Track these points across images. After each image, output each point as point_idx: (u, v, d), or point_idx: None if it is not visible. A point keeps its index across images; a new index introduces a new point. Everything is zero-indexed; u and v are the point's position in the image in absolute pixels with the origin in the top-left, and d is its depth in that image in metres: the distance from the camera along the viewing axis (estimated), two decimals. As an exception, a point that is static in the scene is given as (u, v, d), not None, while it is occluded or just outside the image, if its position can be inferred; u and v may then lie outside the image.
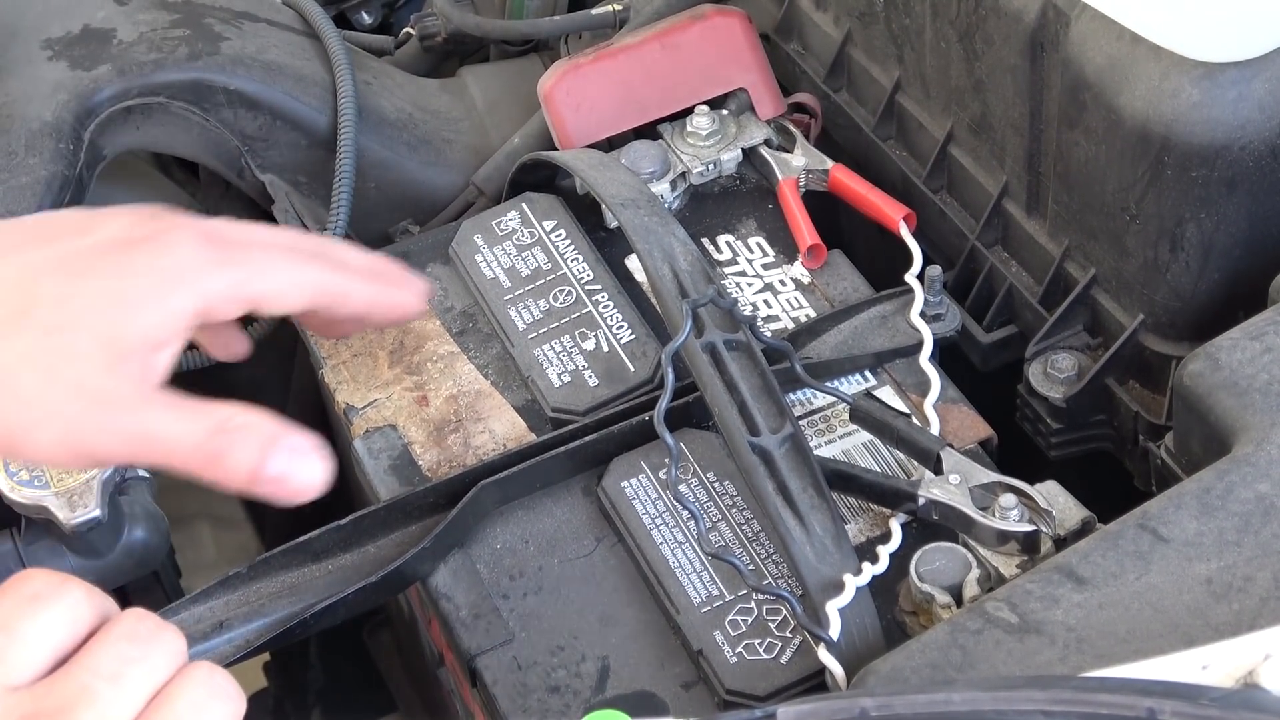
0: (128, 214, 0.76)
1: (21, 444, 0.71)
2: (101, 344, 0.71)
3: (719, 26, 1.03)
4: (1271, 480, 0.71)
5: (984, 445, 0.89)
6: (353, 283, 0.81)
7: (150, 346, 0.73)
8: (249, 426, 0.72)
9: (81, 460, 0.73)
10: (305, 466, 0.72)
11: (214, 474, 0.71)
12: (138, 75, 1.04)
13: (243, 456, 0.71)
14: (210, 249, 0.75)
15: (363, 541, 0.85)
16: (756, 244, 0.99)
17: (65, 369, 0.70)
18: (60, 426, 0.70)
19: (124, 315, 0.72)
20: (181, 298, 0.74)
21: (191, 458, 0.71)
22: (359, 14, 1.32)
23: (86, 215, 0.77)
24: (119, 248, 0.74)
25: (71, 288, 0.72)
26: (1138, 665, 0.62)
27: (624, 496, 0.86)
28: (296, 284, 0.78)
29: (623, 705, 0.79)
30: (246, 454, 0.71)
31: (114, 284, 0.72)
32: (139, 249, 0.74)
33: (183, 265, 0.74)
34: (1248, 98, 0.79)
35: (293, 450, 0.72)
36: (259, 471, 0.71)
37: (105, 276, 0.72)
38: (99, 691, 0.59)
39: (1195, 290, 0.84)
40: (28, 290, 0.72)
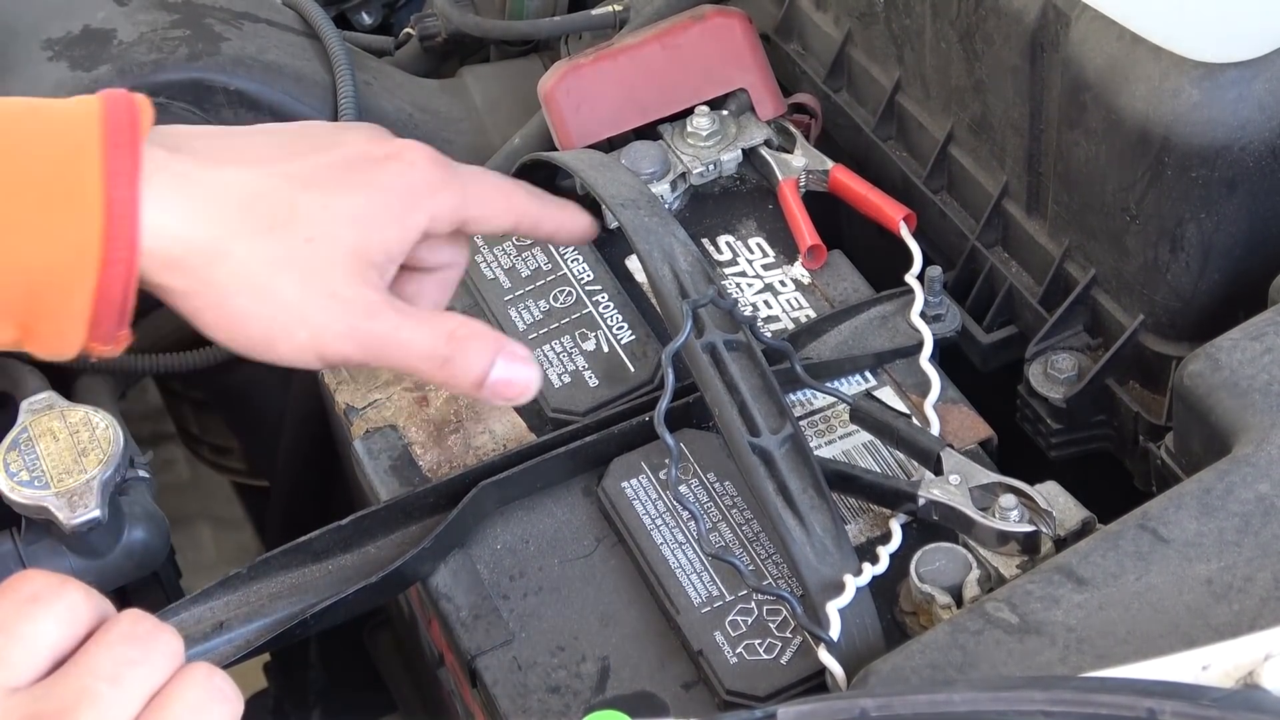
0: (364, 130, 0.82)
1: (276, 344, 0.75)
2: (350, 254, 0.76)
3: (719, 27, 1.03)
4: (1271, 480, 0.71)
5: (984, 445, 0.89)
6: (548, 208, 0.87)
7: (388, 258, 0.78)
8: (477, 334, 0.78)
9: (324, 362, 0.77)
10: (525, 371, 0.79)
11: (444, 377, 0.78)
12: (138, 75, 1.04)
13: (473, 362, 0.77)
14: (439, 170, 0.80)
15: (363, 542, 0.85)
16: (757, 244, 0.99)
17: (319, 276, 0.75)
18: (311, 329, 0.75)
19: (370, 229, 0.77)
20: (417, 215, 0.79)
21: (425, 362, 0.77)
22: (359, 14, 1.32)
23: (330, 129, 0.82)
24: (365, 164, 0.78)
25: (326, 199, 0.76)
26: (1138, 665, 0.62)
27: (624, 497, 0.86)
28: (506, 208, 0.84)
29: (623, 705, 0.79)
30: (476, 360, 0.77)
31: (363, 199, 0.77)
32: (383, 167, 0.78)
33: (418, 184, 0.79)
34: (1248, 98, 0.79)
35: (514, 356, 0.78)
36: (486, 375, 0.77)
37: (356, 190, 0.77)
38: (99, 693, 0.59)
39: (1195, 290, 0.84)
40: (288, 200, 0.75)
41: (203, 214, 0.74)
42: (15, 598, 0.61)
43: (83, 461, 0.90)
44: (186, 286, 0.74)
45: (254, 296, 0.74)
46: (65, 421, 0.91)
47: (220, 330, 0.75)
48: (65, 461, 0.90)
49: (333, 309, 0.75)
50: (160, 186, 0.72)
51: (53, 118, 0.72)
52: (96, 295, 0.71)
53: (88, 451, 0.90)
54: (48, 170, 0.71)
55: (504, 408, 0.92)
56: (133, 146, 0.71)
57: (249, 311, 0.74)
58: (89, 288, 0.70)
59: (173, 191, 0.73)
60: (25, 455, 0.90)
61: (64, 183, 0.70)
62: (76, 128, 0.71)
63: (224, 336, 0.76)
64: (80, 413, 0.92)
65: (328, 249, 0.75)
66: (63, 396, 0.94)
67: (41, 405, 0.92)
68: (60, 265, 0.70)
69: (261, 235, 0.74)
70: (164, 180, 0.73)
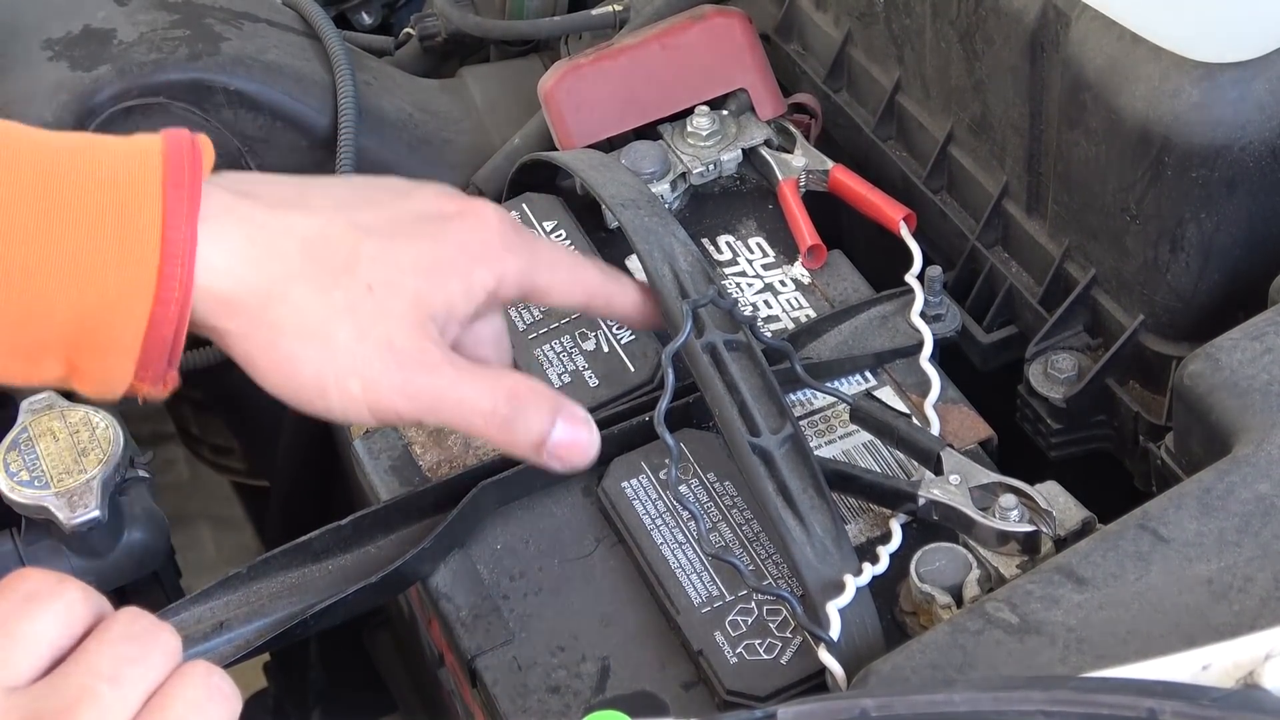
0: (438, 186, 0.80)
1: (328, 393, 0.74)
2: (411, 306, 0.75)
3: (719, 27, 1.03)
4: (1271, 480, 0.71)
5: (984, 445, 0.89)
6: (623, 288, 0.85)
7: (451, 314, 0.76)
8: (537, 396, 0.77)
9: (376, 417, 0.75)
10: (585, 434, 0.78)
11: (503, 438, 0.77)
12: (138, 75, 1.05)
13: (533, 423, 0.76)
14: (510, 232, 0.79)
15: (363, 542, 0.85)
16: (757, 244, 0.99)
17: (377, 326, 0.74)
18: (365, 380, 0.74)
19: (434, 282, 0.75)
20: (483, 273, 0.77)
21: (483, 421, 0.76)
22: (359, 14, 1.32)
23: (403, 183, 0.80)
24: (435, 218, 0.77)
25: (392, 250, 0.75)
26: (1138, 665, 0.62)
27: (624, 497, 0.86)
28: (576, 280, 0.82)
29: (623, 705, 0.79)
30: (537, 421, 0.76)
31: (429, 251, 0.76)
32: (453, 222, 0.77)
33: (488, 243, 0.78)
34: (1248, 98, 0.79)
35: (575, 418, 0.78)
36: (546, 437, 0.76)
37: (423, 242, 0.76)
38: (98, 692, 0.59)
39: (1195, 290, 0.84)
40: (353, 248, 0.74)
41: (264, 256, 0.73)
42: (13, 596, 0.61)
43: (83, 461, 0.90)
44: (241, 329, 0.73)
45: (308, 341, 0.73)
46: (65, 421, 0.91)
47: (272, 376, 0.74)
48: (65, 461, 0.90)
49: (388, 360, 0.74)
50: (224, 228, 0.72)
51: (114, 153, 0.71)
52: (147, 334, 0.70)
53: (88, 451, 0.90)
54: (105, 206, 0.70)
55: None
56: (193, 187, 0.71)
57: (302, 357, 0.73)
58: (139, 326, 0.70)
59: (236, 234, 0.72)
60: (25, 455, 0.90)
61: (121, 220, 0.69)
62: (137, 165, 0.71)
63: (276, 383, 0.74)
64: (80, 412, 0.92)
65: (388, 298, 0.74)
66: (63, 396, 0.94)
67: (41, 405, 0.92)
68: (112, 302, 0.69)
69: (321, 280, 0.73)
70: (228, 222, 0.72)
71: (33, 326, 0.70)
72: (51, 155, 0.71)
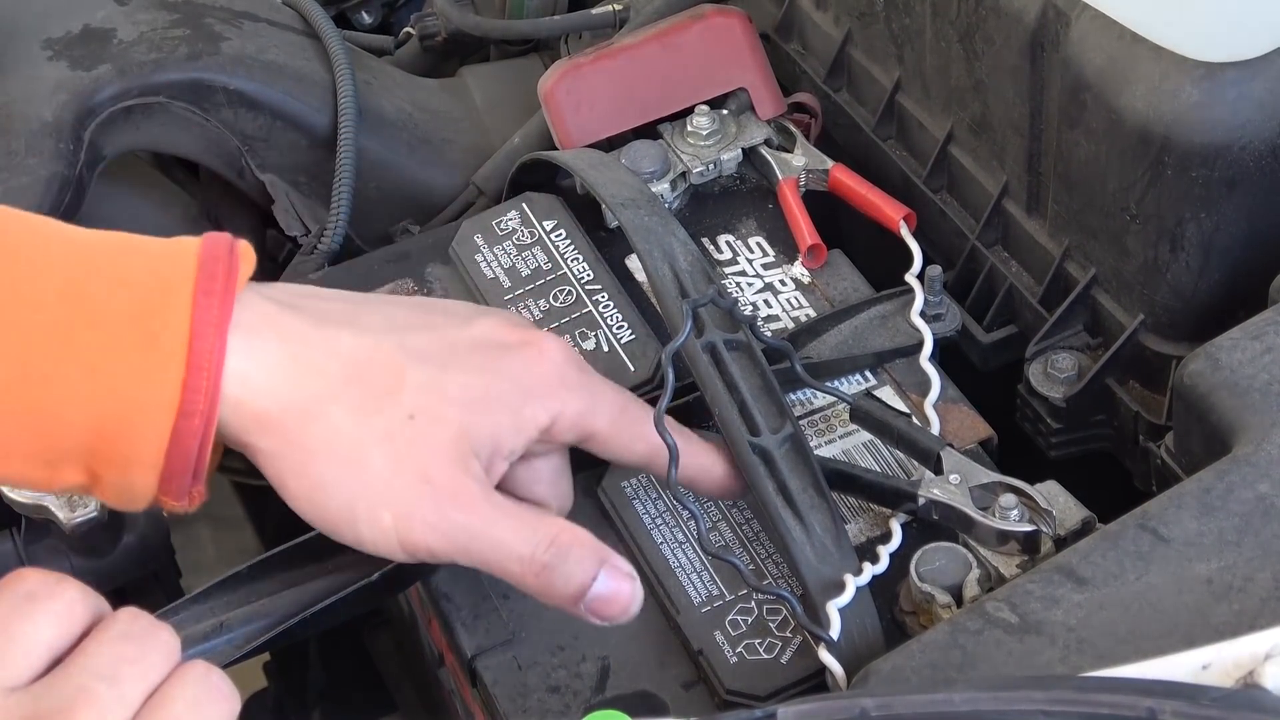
0: (502, 315, 0.78)
1: (358, 523, 0.71)
2: (454, 439, 0.71)
3: (719, 26, 1.03)
4: (1271, 480, 0.70)
5: (984, 445, 0.89)
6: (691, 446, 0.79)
7: (497, 451, 0.73)
8: (580, 542, 0.73)
9: (407, 552, 0.72)
10: (628, 588, 0.73)
11: (539, 586, 0.72)
12: (138, 75, 1.04)
13: (574, 574, 0.72)
14: (572, 369, 0.76)
15: (363, 541, 0.85)
16: (756, 244, 0.99)
17: (415, 457, 0.70)
18: (396, 513, 0.70)
19: (480, 414, 0.72)
20: (536, 409, 0.74)
21: (519, 566, 0.72)
22: (359, 14, 1.32)
23: (465, 308, 0.78)
24: (492, 348, 0.74)
25: (441, 378, 0.72)
26: (1138, 665, 0.62)
27: (624, 496, 0.86)
28: (638, 436, 0.78)
29: (623, 705, 0.79)
30: (578, 571, 0.72)
31: (480, 382, 0.73)
32: (511, 354, 0.74)
33: (547, 379, 0.74)
34: (1248, 98, 0.78)
35: (618, 572, 0.73)
36: (586, 589, 0.72)
37: (474, 372, 0.73)
38: (97, 692, 0.59)
39: (1195, 290, 0.84)
40: (400, 372, 0.71)
41: (304, 374, 0.70)
42: (11, 596, 0.60)
43: (83, 461, 0.89)
44: (274, 448, 0.70)
45: (341, 466, 0.70)
46: (65, 421, 0.91)
47: (302, 500, 0.71)
48: (65, 461, 0.90)
49: (423, 494, 0.70)
50: (263, 342, 0.69)
51: (147, 255, 0.69)
52: (170, 447, 0.67)
53: (88, 451, 0.90)
54: (132, 311, 0.67)
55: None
56: (225, 294, 0.68)
57: (334, 482, 0.70)
58: (162, 439, 0.67)
59: (275, 348, 0.70)
60: (25, 455, 0.90)
61: (147, 326, 0.67)
62: (169, 268, 0.68)
63: (305, 507, 0.71)
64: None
65: (429, 428, 0.71)
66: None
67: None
68: (133, 413, 0.67)
69: (362, 403, 0.70)
70: (269, 336, 0.70)
71: (52, 434, 0.68)
72: (82, 254, 0.69)
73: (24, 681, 0.59)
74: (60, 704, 0.58)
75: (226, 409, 0.68)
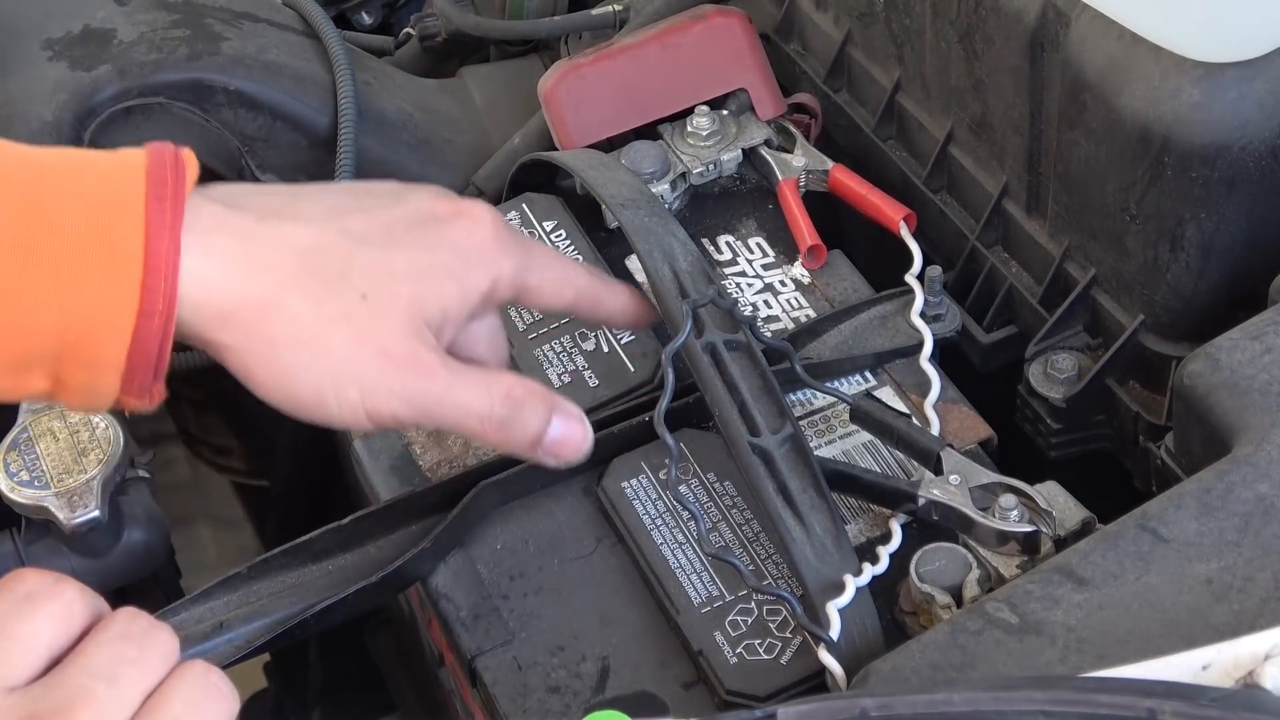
0: (430, 189, 0.80)
1: (327, 402, 0.74)
2: (406, 313, 0.75)
3: (719, 27, 1.03)
4: (1271, 480, 0.70)
5: (984, 445, 0.89)
6: (611, 289, 0.86)
7: (446, 318, 0.77)
8: (531, 394, 0.78)
9: (374, 422, 0.75)
10: (579, 431, 0.79)
11: (499, 438, 0.77)
12: (138, 75, 1.05)
13: (530, 423, 0.77)
14: (504, 234, 0.79)
15: (363, 542, 0.85)
16: (756, 244, 0.99)
17: (373, 333, 0.74)
18: (363, 387, 0.74)
19: (429, 287, 0.76)
20: (478, 276, 0.78)
21: (479, 423, 0.76)
22: (359, 14, 1.32)
23: (396, 187, 0.81)
24: (429, 222, 0.78)
25: (386, 257, 0.75)
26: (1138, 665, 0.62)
27: (624, 497, 0.86)
28: (566, 281, 0.83)
29: (623, 705, 0.79)
30: (534, 421, 0.77)
31: (423, 256, 0.76)
32: (447, 225, 0.78)
33: (482, 245, 0.78)
34: (1248, 98, 0.79)
35: (569, 415, 0.78)
36: (542, 435, 0.77)
37: (416, 247, 0.76)
38: (96, 692, 0.59)
39: (1195, 290, 0.84)
40: (348, 255, 0.75)
41: (258, 267, 0.73)
42: (11, 596, 0.61)
43: (83, 461, 0.90)
44: (238, 342, 0.73)
45: (305, 351, 0.73)
46: (65, 421, 0.91)
47: (271, 387, 0.74)
48: (65, 461, 0.90)
49: (386, 367, 0.74)
50: (216, 241, 0.71)
51: (98, 168, 0.71)
52: (131, 348, 0.70)
53: (88, 451, 0.90)
54: (89, 221, 0.69)
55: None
56: (176, 200, 0.70)
57: (300, 367, 0.73)
58: (124, 340, 0.69)
59: (228, 246, 0.72)
60: (25, 455, 0.90)
61: (104, 234, 0.69)
62: (120, 179, 0.71)
63: (275, 394, 0.74)
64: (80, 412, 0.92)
65: (383, 306, 0.74)
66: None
67: (41, 405, 0.92)
68: (96, 316, 0.69)
69: (316, 290, 0.73)
70: (220, 235, 0.72)
71: (18, 341, 0.70)
72: (37, 171, 0.71)
73: (23, 681, 0.59)
74: (59, 703, 0.58)
75: (187, 309, 0.71)
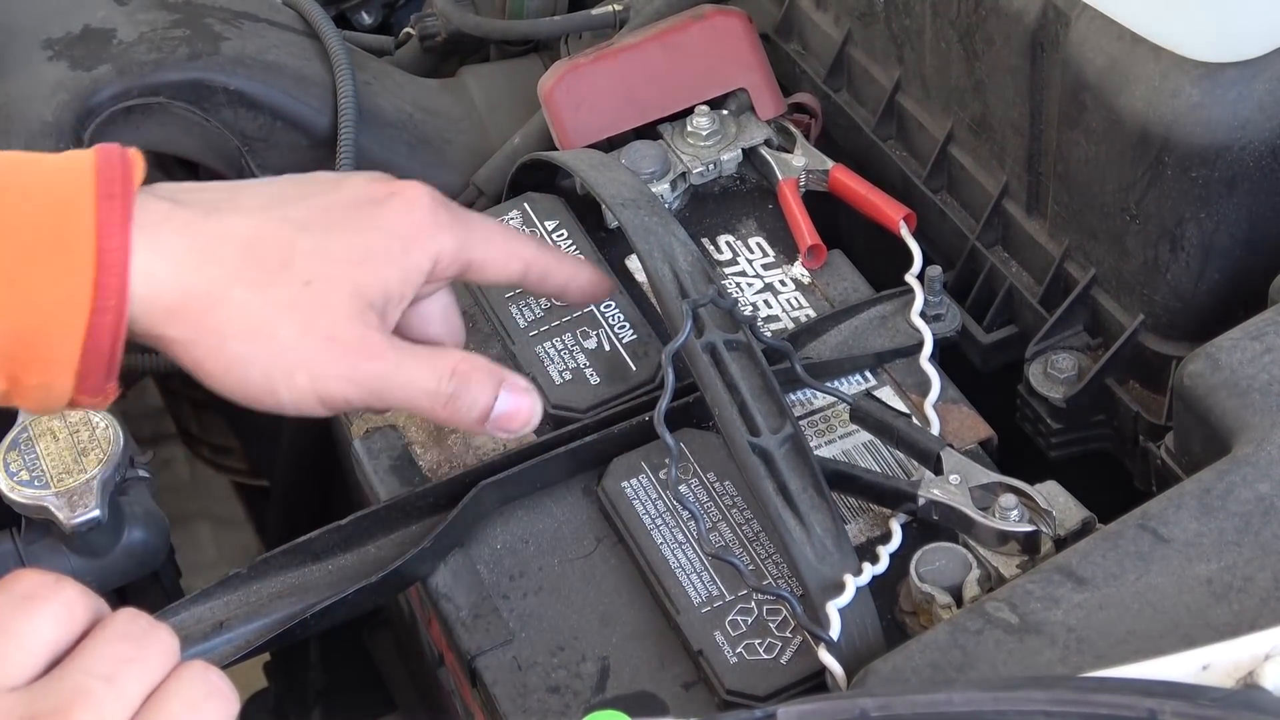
0: (366, 174, 0.81)
1: (278, 390, 0.75)
2: (349, 296, 0.76)
3: (719, 26, 1.03)
4: (1272, 480, 0.70)
5: (984, 445, 0.89)
6: (560, 261, 0.86)
7: (389, 299, 0.77)
8: (478, 369, 0.79)
9: (326, 407, 0.76)
10: (527, 403, 0.80)
11: (447, 414, 0.78)
12: (138, 75, 1.05)
13: (478, 399, 0.78)
14: (442, 211, 0.80)
15: (363, 542, 0.85)
16: (756, 244, 0.99)
17: (318, 319, 0.75)
18: (312, 373, 0.75)
19: (369, 270, 0.77)
20: (418, 255, 0.78)
21: (428, 400, 0.78)
22: (359, 14, 1.32)
23: (331, 175, 0.82)
24: (366, 205, 0.78)
25: (326, 243, 0.76)
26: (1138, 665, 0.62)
27: (624, 496, 0.86)
28: (512, 254, 0.83)
29: (623, 705, 0.79)
30: (480, 395, 0.78)
31: (362, 239, 0.77)
32: (384, 207, 0.78)
33: (420, 224, 0.79)
34: (1248, 98, 0.79)
35: (516, 388, 0.80)
36: (489, 410, 0.78)
37: (355, 231, 0.77)
38: (95, 691, 0.59)
39: (1195, 290, 0.84)
40: (289, 243, 0.75)
41: (203, 261, 0.74)
42: (11, 597, 0.61)
43: (83, 461, 0.90)
44: (187, 335, 0.74)
45: (253, 341, 0.74)
46: (65, 421, 0.91)
47: (222, 379, 0.75)
48: (65, 461, 0.90)
49: (333, 351, 0.75)
50: (162, 236, 0.73)
51: (47, 170, 0.73)
52: (85, 344, 0.71)
53: (88, 451, 0.90)
54: (41, 222, 0.71)
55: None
56: (125, 198, 0.72)
57: (248, 357, 0.74)
58: (78, 337, 0.70)
59: (174, 241, 0.73)
60: (25, 455, 0.90)
61: (56, 233, 0.70)
62: (70, 179, 0.72)
63: (226, 385, 0.75)
64: (80, 412, 0.92)
65: (326, 291, 0.75)
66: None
67: (41, 405, 0.92)
68: (50, 314, 0.70)
69: (260, 280, 0.75)
70: (166, 230, 0.73)
71: None
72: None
73: (23, 681, 0.59)
74: (59, 703, 0.58)
75: (137, 306, 0.72)
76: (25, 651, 0.60)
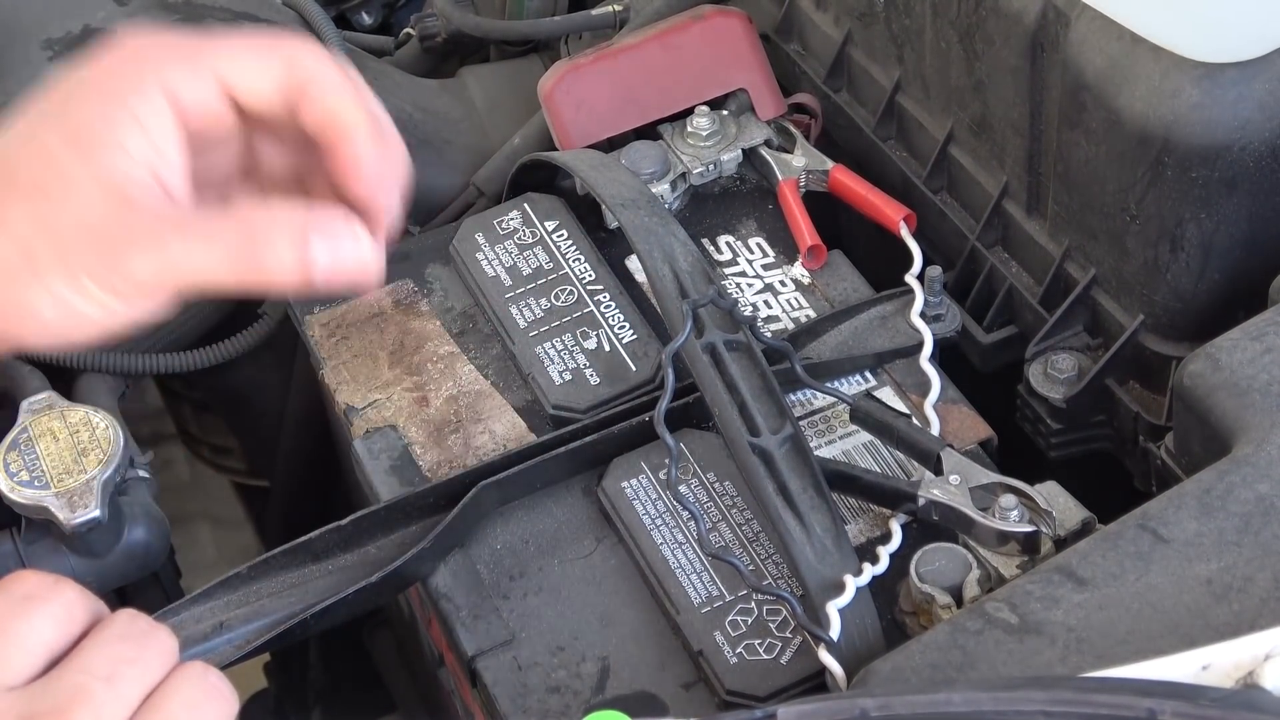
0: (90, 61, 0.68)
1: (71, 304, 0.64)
2: (94, 183, 0.64)
3: (719, 27, 1.03)
4: (1271, 480, 0.70)
5: (984, 445, 0.89)
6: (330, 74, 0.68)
7: (145, 168, 0.65)
8: (275, 220, 0.64)
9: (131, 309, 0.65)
10: (351, 245, 0.65)
11: (260, 279, 0.64)
12: (138, 75, 1.04)
13: (283, 253, 0.64)
14: (152, 47, 0.67)
15: (363, 542, 0.85)
16: (757, 244, 0.99)
17: (69, 225, 0.64)
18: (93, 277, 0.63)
19: (99, 152, 0.64)
20: (145, 103, 0.65)
21: (230, 270, 0.64)
22: (359, 14, 1.32)
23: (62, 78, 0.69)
24: (75, 90, 0.67)
25: (44, 142, 0.65)
26: (1138, 665, 0.62)
27: (624, 497, 0.86)
28: (262, 66, 0.67)
29: (623, 705, 0.79)
30: (286, 249, 0.64)
31: (74, 125, 0.65)
32: (89, 82, 0.67)
33: (128, 73, 0.66)
34: (1248, 98, 0.79)
35: (331, 231, 0.65)
36: (304, 267, 0.64)
37: (68, 121, 0.65)
38: (94, 692, 0.59)
39: (1195, 290, 0.84)
40: (7, 158, 0.65)
41: None
42: (10, 597, 0.61)
43: (83, 461, 0.90)
44: None
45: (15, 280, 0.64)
46: (65, 421, 0.91)
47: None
48: (65, 461, 0.90)
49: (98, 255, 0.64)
50: None
51: None
52: None
53: (88, 451, 0.90)
54: None
55: (503, 407, 0.91)
56: None
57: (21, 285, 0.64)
58: None
59: None
60: (25, 455, 0.90)
61: None
62: None
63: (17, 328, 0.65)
64: (80, 413, 0.92)
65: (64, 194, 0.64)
66: (63, 396, 0.94)
67: (41, 405, 0.92)
68: None
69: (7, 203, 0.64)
70: None
71: None
72: None
73: (22, 681, 0.59)
74: (58, 703, 0.58)
75: None
76: (24, 652, 0.60)
